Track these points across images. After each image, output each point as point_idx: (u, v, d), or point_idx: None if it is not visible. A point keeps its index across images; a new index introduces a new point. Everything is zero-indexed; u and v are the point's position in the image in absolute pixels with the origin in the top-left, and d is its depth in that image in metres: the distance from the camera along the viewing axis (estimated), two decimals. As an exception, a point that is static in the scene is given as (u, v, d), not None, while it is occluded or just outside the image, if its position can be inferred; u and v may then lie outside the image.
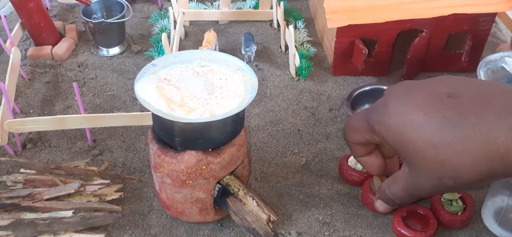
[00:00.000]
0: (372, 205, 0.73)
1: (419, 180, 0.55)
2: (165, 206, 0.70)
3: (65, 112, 0.94)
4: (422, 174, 0.54)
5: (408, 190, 0.58)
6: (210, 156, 0.63)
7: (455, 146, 0.49)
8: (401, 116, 0.54)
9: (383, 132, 0.57)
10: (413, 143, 0.53)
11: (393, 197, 0.61)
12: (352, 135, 0.64)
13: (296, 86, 1.00)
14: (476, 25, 0.96)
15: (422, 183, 0.55)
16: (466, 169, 0.50)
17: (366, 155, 0.67)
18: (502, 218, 0.70)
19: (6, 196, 0.71)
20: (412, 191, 0.58)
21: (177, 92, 0.61)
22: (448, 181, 0.52)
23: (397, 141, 0.55)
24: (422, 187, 0.55)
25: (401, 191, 0.59)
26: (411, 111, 0.53)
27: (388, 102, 0.57)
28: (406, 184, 0.58)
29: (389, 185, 0.62)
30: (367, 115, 0.60)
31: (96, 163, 0.82)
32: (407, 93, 0.56)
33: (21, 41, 1.13)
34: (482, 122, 0.48)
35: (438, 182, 0.53)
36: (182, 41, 1.14)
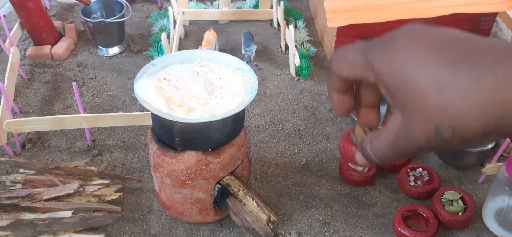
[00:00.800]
0: (351, 158, 0.72)
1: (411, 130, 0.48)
2: (165, 206, 0.70)
3: (64, 112, 0.93)
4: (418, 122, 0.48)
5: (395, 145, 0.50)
6: (210, 156, 0.63)
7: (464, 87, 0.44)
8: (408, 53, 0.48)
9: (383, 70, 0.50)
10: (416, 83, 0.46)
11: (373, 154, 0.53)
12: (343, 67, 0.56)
13: (296, 86, 1.00)
14: (477, 25, 0.96)
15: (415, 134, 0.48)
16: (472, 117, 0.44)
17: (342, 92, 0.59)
18: (502, 218, 0.70)
19: (6, 196, 0.71)
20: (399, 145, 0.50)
21: (176, 92, 0.61)
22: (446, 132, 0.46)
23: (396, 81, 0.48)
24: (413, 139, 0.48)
25: (386, 146, 0.51)
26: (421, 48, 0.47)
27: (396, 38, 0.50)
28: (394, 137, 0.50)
29: (372, 139, 0.54)
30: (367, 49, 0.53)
31: (95, 163, 0.82)
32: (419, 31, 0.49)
33: (20, 41, 1.12)
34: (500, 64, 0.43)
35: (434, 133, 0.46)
36: (181, 41, 1.14)
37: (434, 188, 0.75)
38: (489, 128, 0.44)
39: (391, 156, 0.51)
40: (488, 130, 0.44)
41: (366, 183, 0.78)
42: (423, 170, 0.78)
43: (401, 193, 0.78)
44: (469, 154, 0.79)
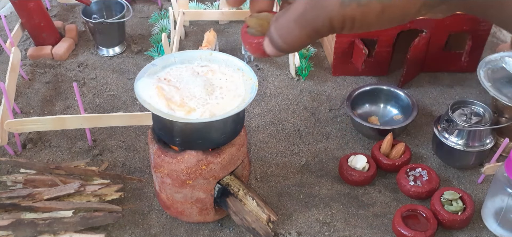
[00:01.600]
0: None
1: None
2: (165, 206, 0.70)
3: (65, 112, 0.94)
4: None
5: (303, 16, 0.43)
6: (210, 156, 0.63)
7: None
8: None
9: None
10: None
11: (279, 35, 0.45)
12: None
13: (296, 86, 1.00)
14: (476, 25, 0.96)
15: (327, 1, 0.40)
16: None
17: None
18: (502, 218, 0.70)
19: (6, 196, 0.71)
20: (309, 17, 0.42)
21: (177, 92, 0.61)
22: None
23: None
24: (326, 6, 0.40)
25: (292, 20, 0.43)
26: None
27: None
28: (304, 9, 0.42)
29: (278, 17, 0.45)
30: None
31: (96, 163, 0.82)
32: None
33: (21, 41, 1.12)
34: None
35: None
36: (182, 41, 1.14)
37: (433, 188, 0.75)
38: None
39: (297, 32, 0.43)
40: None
41: (366, 183, 0.78)
42: (422, 170, 0.78)
43: (400, 193, 0.78)
44: (469, 154, 0.79)
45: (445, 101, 0.97)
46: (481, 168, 0.78)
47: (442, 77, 1.03)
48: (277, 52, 0.46)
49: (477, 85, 0.99)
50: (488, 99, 0.87)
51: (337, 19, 0.40)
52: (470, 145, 0.78)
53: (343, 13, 0.40)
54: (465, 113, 0.80)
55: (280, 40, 0.44)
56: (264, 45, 0.46)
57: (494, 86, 0.80)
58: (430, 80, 1.03)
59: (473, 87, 1.01)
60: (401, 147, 0.81)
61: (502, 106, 0.81)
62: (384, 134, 0.83)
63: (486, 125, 0.78)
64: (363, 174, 0.77)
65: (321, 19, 0.40)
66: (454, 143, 0.79)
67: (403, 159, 0.80)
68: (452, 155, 0.80)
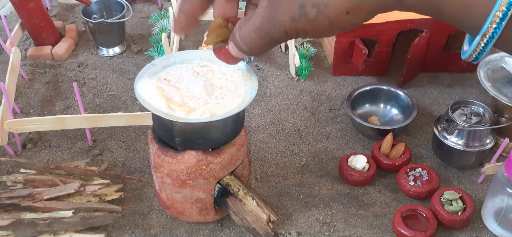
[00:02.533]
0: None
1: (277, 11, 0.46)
2: (165, 206, 0.70)
3: (65, 112, 0.94)
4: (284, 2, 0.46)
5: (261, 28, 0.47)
6: (210, 156, 0.63)
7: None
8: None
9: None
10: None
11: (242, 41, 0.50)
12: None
13: (296, 86, 1.00)
14: (476, 25, 0.96)
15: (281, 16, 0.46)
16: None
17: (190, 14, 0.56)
18: (502, 218, 0.70)
19: (6, 196, 0.71)
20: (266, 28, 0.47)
21: (177, 92, 0.61)
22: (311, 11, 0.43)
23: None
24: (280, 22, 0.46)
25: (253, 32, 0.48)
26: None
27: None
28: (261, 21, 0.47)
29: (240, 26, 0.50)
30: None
31: (96, 163, 0.82)
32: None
33: (21, 41, 1.12)
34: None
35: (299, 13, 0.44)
36: (182, 41, 1.14)
37: (433, 188, 0.75)
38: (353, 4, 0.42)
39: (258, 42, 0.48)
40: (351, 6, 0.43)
41: (366, 183, 0.78)
42: (422, 170, 0.78)
43: (400, 193, 0.78)
44: (469, 154, 0.79)
45: (445, 101, 0.97)
46: (481, 168, 0.78)
47: (442, 77, 1.04)
48: (243, 55, 0.51)
49: (477, 85, 0.99)
50: (488, 99, 0.87)
51: (290, 31, 0.45)
52: (470, 145, 0.78)
53: (295, 27, 0.45)
54: (465, 113, 0.80)
55: (245, 46, 0.49)
56: (230, 50, 0.52)
57: (494, 86, 0.80)
58: (430, 80, 1.03)
59: (473, 87, 1.01)
60: (401, 147, 0.81)
61: (502, 106, 0.81)
62: (384, 134, 0.83)
63: (486, 125, 0.78)
64: (363, 174, 0.77)
65: (277, 31, 0.45)
66: (454, 143, 0.79)
67: (403, 159, 0.80)
68: (452, 155, 0.80)
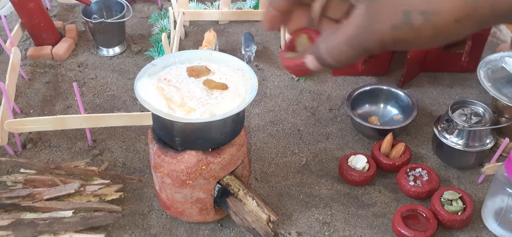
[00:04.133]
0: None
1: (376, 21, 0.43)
2: (165, 206, 0.70)
3: (65, 112, 0.94)
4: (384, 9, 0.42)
5: (355, 39, 0.44)
6: (210, 156, 0.63)
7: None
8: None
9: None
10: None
11: (328, 54, 0.47)
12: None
13: (296, 86, 1.00)
14: (476, 25, 0.96)
15: (380, 25, 0.42)
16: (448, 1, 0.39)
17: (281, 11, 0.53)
18: (502, 218, 0.70)
19: (6, 196, 0.71)
20: (360, 38, 0.44)
21: (177, 92, 0.61)
22: (416, 18, 0.40)
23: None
24: (378, 30, 0.43)
25: (344, 41, 0.45)
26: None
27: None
28: (355, 31, 0.44)
29: (327, 37, 0.47)
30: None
31: (96, 163, 0.82)
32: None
33: (21, 41, 1.12)
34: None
35: (402, 20, 0.41)
36: (182, 41, 1.14)
37: (433, 188, 0.75)
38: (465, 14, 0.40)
39: (348, 53, 0.45)
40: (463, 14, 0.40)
41: (366, 183, 0.78)
42: (422, 170, 0.78)
43: (400, 193, 0.78)
44: (469, 154, 0.79)
45: (445, 101, 0.97)
46: (481, 168, 0.78)
47: (442, 77, 1.04)
48: (322, 68, 0.49)
49: (477, 85, 0.99)
50: (488, 99, 0.87)
51: (388, 41, 0.41)
52: (470, 145, 0.78)
53: (394, 36, 0.41)
54: (465, 113, 0.80)
55: (331, 59, 0.46)
56: (307, 63, 0.49)
57: (494, 86, 0.80)
58: (430, 80, 1.03)
59: (473, 87, 1.01)
60: (401, 147, 0.81)
61: (502, 106, 0.81)
62: (384, 134, 0.83)
63: (486, 125, 0.78)
64: (363, 174, 0.77)
65: (372, 41, 0.42)
66: (454, 143, 0.79)
67: (403, 159, 0.80)
68: (452, 155, 0.80)
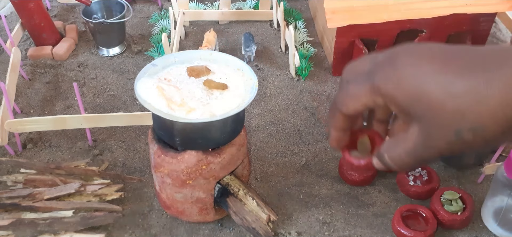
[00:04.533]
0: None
1: (431, 138, 0.50)
2: (165, 206, 0.70)
3: (65, 112, 0.94)
4: (437, 130, 0.49)
5: (415, 153, 0.52)
6: (210, 156, 0.63)
7: (477, 92, 0.45)
8: (413, 68, 0.49)
9: (391, 90, 0.51)
10: (429, 95, 0.48)
11: (392, 162, 0.55)
12: (350, 104, 0.58)
13: (296, 86, 1.00)
14: (476, 25, 0.96)
15: (435, 141, 0.49)
16: (490, 117, 0.45)
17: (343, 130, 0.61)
18: (502, 218, 0.70)
19: (7, 196, 0.71)
20: (420, 153, 0.51)
21: (177, 92, 0.61)
22: (467, 135, 0.47)
23: (408, 97, 0.50)
24: (434, 146, 0.49)
25: (404, 155, 0.53)
26: (425, 62, 0.49)
27: (396, 58, 0.52)
28: (414, 146, 0.51)
29: (389, 148, 0.55)
30: (370, 77, 0.54)
31: (96, 163, 0.82)
32: (416, 47, 0.51)
33: (21, 41, 1.13)
34: (505, 66, 0.44)
35: (455, 138, 0.48)
36: (182, 41, 1.14)
37: (433, 187, 0.75)
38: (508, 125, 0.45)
39: (410, 163, 0.53)
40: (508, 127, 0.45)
41: (366, 183, 0.78)
42: (422, 170, 0.78)
43: (400, 192, 0.78)
44: (469, 154, 0.79)
45: (445, 101, 0.97)
46: (481, 168, 0.78)
47: (442, 77, 1.03)
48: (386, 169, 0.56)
49: (477, 85, 0.99)
50: (488, 99, 0.87)
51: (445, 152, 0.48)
52: (470, 145, 0.78)
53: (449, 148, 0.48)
54: (465, 113, 0.80)
55: (395, 166, 0.54)
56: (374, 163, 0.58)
57: (494, 86, 0.80)
58: (430, 80, 1.03)
59: (473, 87, 1.00)
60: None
61: (502, 106, 0.81)
62: (384, 134, 0.83)
63: (486, 125, 0.78)
64: (363, 174, 0.77)
65: (431, 154, 0.49)
66: (454, 143, 0.79)
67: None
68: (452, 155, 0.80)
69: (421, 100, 0.49)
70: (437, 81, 0.47)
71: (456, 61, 0.47)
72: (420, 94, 0.48)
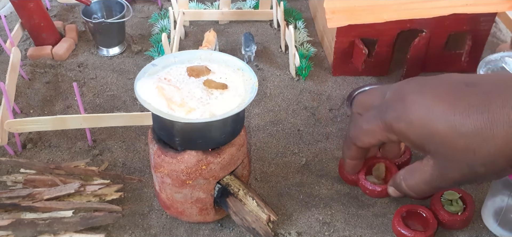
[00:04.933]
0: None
1: (447, 171, 0.54)
2: (165, 206, 0.70)
3: (65, 112, 0.94)
4: (451, 165, 0.53)
5: (431, 183, 0.56)
6: (210, 156, 0.63)
7: (484, 132, 0.49)
8: (422, 108, 0.53)
9: (404, 129, 0.56)
10: (440, 134, 0.52)
11: (409, 190, 0.59)
12: (364, 139, 0.63)
13: (296, 86, 1.00)
14: (476, 25, 0.96)
15: (450, 174, 0.54)
16: (499, 155, 0.49)
17: (357, 159, 0.68)
18: (502, 218, 0.70)
19: (6, 196, 0.71)
20: (436, 183, 0.56)
21: (177, 92, 0.61)
22: (479, 168, 0.51)
23: (420, 135, 0.54)
24: (450, 177, 0.54)
25: (422, 184, 0.57)
26: (432, 102, 0.52)
27: (405, 97, 0.56)
28: (430, 177, 0.56)
29: (406, 177, 0.60)
30: (382, 115, 0.59)
31: (96, 163, 0.82)
32: (424, 86, 0.55)
33: (21, 41, 1.13)
34: (507, 105, 0.48)
35: (468, 171, 0.52)
36: (182, 41, 1.14)
37: (433, 188, 0.75)
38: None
39: (427, 191, 0.58)
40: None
41: (366, 183, 0.78)
42: (422, 170, 0.78)
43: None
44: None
45: (445, 101, 0.97)
46: (481, 168, 0.78)
47: (442, 77, 1.03)
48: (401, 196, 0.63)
49: (477, 85, 0.99)
50: (488, 99, 0.86)
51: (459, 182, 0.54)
52: (470, 145, 0.78)
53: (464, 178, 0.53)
54: (465, 113, 0.80)
55: (413, 193, 0.59)
56: (389, 192, 0.64)
57: (494, 86, 0.80)
58: (430, 80, 1.03)
59: (473, 87, 1.00)
60: (401, 146, 0.81)
61: (502, 106, 0.81)
62: (384, 134, 0.83)
63: (486, 125, 0.77)
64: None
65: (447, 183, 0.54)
66: (454, 143, 0.79)
67: (404, 159, 0.80)
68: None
69: (434, 138, 0.52)
70: (446, 121, 0.51)
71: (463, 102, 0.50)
72: (433, 133, 0.52)
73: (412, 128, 0.54)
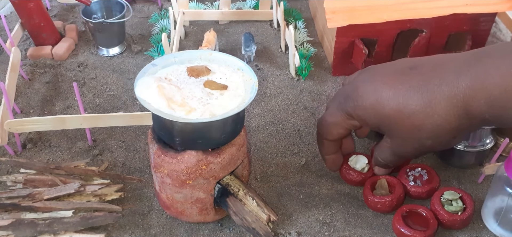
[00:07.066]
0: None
1: (400, 146, 0.62)
2: (165, 206, 0.70)
3: (65, 112, 0.94)
4: (403, 141, 0.61)
5: (395, 155, 0.65)
6: (210, 156, 0.63)
7: (425, 110, 0.55)
8: (372, 95, 0.60)
9: (361, 114, 0.63)
10: (389, 116, 0.59)
11: (384, 162, 0.69)
12: (331, 131, 0.69)
13: (296, 86, 1.00)
14: (476, 25, 0.96)
15: (404, 147, 0.62)
16: (441, 128, 0.55)
17: (334, 152, 0.74)
18: (502, 218, 0.70)
19: (6, 196, 0.71)
20: (398, 154, 0.65)
21: (177, 92, 0.61)
22: (427, 142, 0.58)
23: (374, 119, 0.61)
24: (405, 150, 0.62)
25: (389, 156, 0.66)
26: (380, 88, 0.59)
27: (357, 87, 0.63)
28: (392, 151, 0.65)
29: (379, 153, 0.69)
30: (341, 106, 0.66)
31: (96, 163, 0.82)
32: (373, 75, 0.62)
33: (21, 41, 1.13)
34: (443, 83, 0.54)
35: (418, 144, 0.60)
36: (182, 41, 1.14)
37: (433, 187, 0.75)
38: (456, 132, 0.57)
39: (394, 159, 0.68)
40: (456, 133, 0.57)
41: (366, 183, 0.78)
42: (422, 169, 0.78)
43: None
44: (469, 154, 0.79)
45: (445, 101, 0.97)
46: (481, 168, 0.78)
47: (442, 77, 1.03)
48: (385, 170, 0.74)
49: (477, 85, 0.99)
50: (488, 99, 0.87)
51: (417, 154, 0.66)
52: (470, 145, 0.78)
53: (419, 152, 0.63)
54: (465, 113, 0.80)
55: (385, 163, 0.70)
56: (375, 171, 0.75)
57: (494, 86, 0.80)
58: (430, 80, 1.03)
59: (473, 87, 1.00)
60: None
61: (502, 106, 0.81)
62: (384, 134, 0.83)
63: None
64: (361, 174, 0.77)
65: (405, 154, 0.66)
66: (454, 143, 0.79)
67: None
68: (452, 155, 0.80)
69: (384, 121, 0.60)
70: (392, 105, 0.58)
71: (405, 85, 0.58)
72: (382, 116, 0.60)
73: (367, 114, 0.62)
